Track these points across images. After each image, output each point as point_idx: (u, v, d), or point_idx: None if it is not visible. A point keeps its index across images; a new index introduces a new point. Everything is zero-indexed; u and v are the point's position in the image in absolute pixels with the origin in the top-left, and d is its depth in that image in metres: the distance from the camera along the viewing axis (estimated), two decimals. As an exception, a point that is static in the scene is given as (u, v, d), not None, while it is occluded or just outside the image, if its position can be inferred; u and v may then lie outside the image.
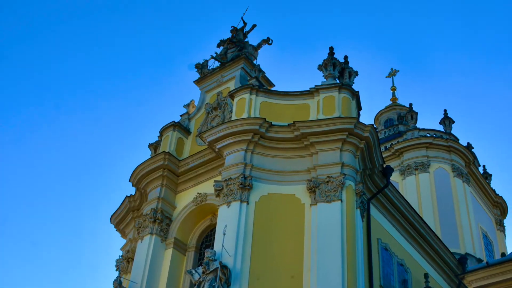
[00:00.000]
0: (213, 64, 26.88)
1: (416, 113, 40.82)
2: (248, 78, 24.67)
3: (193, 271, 19.23)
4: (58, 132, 74.10)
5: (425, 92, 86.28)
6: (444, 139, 37.81)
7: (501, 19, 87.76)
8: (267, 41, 27.02)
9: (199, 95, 26.66)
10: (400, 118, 44.39)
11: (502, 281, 20.51)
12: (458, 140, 39.31)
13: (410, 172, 36.63)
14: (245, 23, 27.64)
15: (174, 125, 25.08)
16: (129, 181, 24.54)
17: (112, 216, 26.02)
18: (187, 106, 26.45)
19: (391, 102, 47.58)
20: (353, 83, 23.35)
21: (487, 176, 41.01)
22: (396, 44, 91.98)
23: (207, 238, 22.95)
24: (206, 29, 76.21)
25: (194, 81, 26.95)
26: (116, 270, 24.55)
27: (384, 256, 22.44)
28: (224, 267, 18.43)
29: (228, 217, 20.04)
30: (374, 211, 22.41)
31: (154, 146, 26.20)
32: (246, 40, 26.99)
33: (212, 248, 19.64)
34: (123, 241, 26.14)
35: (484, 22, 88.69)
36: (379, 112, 46.95)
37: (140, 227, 22.90)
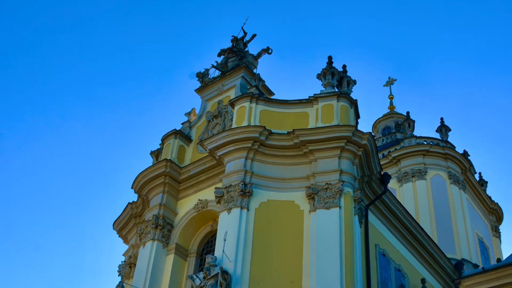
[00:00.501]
0: (214, 73, 27.16)
1: (413, 121, 41.08)
2: (248, 87, 24.90)
3: (194, 276, 19.37)
4: (62, 140, 74.72)
5: (422, 100, 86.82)
6: (441, 147, 38.05)
7: (496, 29, 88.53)
8: (267, 50, 27.25)
9: (200, 103, 26.91)
10: (398, 126, 44.60)
11: (498, 286, 20.84)
12: (454, 147, 39.54)
13: (407, 179, 36.85)
14: (245, 33, 27.92)
15: (175, 133, 25.30)
16: (132, 188, 24.77)
17: (114, 222, 26.21)
18: (188, 114, 26.70)
19: (389, 110, 47.86)
20: (352, 91, 23.54)
21: (483, 183, 41.22)
22: (394, 53, 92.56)
23: (208, 244, 23.12)
24: (207, 38, 76.79)
25: (195, 90, 27.21)
26: (118, 275, 24.69)
27: (381, 262, 22.61)
28: (224, 272, 18.59)
29: (229, 223, 20.22)
30: (372, 218, 22.61)
31: (156, 154, 26.36)
32: (246, 49, 27.23)
33: (213, 254, 19.83)
34: (126, 246, 26.34)
35: (480, 32, 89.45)
36: (377, 120, 47.22)
37: (142, 233, 23.07)
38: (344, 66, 24.31)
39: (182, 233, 23.04)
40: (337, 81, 23.67)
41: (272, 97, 25.23)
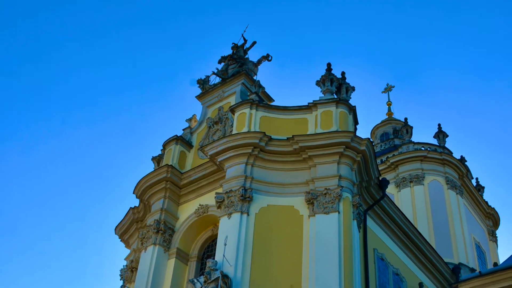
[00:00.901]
0: (215, 79, 27.34)
1: (411, 127, 41.31)
2: (249, 94, 25.06)
3: (195, 280, 19.51)
4: (65, 146, 75.14)
5: (420, 107, 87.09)
6: (438, 153, 38.24)
7: (492, 36, 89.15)
8: (266, 57, 27.40)
9: (201, 110, 27.09)
10: (396, 132, 44.75)
11: (494, 290, 21.17)
12: (451, 153, 39.72)
13: (405, 185, 37.02)
14: (245, 40, 28.10)
15: (176, 139, 25.46)
16: (133, 193, 24.92)
17: (116, 227, 26.34)
18: (189, 120, 26.88)
19: (387, 116, 47.96)
20: (350, 98, 23.70)
21: (479, 188, 41.38)
22: (392, 60, 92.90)
23: (209, 248, 23.30)
24: (208, 46, 77.17)
25: (196, 96, 27.39)
26: (120, 279, 24.97)
27: (380, 266, 22.73)
28: (225, 276, 18.72)
29: (229, 228, 20.37)
30: (370, 222, 22.72)
31: (157, 159, 26.50)
32: (246, 56, 27.38)
33: (214, 258, 20.01)
34: (127, 251, 26.44)
35: (476, 40, 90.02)
36: (375, 126, 47.34)
37: (143, 238, 23.26)
38: (343, 73, 24.48)
39: (183, 237, 23.22)
40: (336, 88, 23.82)
41: (272, 103, 25.36)
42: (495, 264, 27.96)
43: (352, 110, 23.17)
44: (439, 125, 41.98)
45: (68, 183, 73.37)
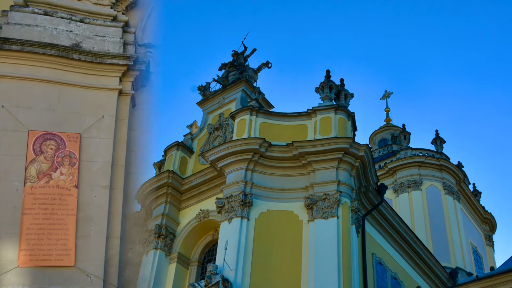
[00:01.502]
0: (215, 86, 27.52)
1: (409, 134, 41.47)
2: (249, 100, 25.21)
3: (196, 285, 19.74)
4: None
5: (418, 113, 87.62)
6: (436, 158, 38.42)
7: (489, 43, 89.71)
8: (266, 64, 27.57)
9: (202, 116, 27.26)
10: (394, 138, 44.92)
11: (491, 293, 21.41)
12: (449, 159, 39.90)
13: (403, 190, 37.18)
14: (245, 47, 28.23)
15: (177, 145, 25.62)
16: (135, 198, 25.18)
17: (118, 231, 26.61)
18: (190, 126, 27.08)
19: (385, 122, 48.11)
20: (349, 104, 23.88)
21: (476, 193, 41.53)
22: (390, 67, 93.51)
23: (209, 253, 23.50)
24: (208, 53, 77.52)
25: (197, 103, 27.56)
26: (122, 283, 25.28)
27: (378, 270, 22.91)
28: (225, 280, 18.83)
29: (229, 233, 20.53)
30: (369, 227, 22.89)
31: (158, 165, 26.61)
32: (246, 63, 27.55)
33: (214, 263, 20.15)
34: (129, 255, 26.75)
35: (473, 47, 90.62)
36: (373, 132, 47.50)
37: (145, 242, 23.38)
38: (341, 80, 24.67)
39: (184, 242, 23.42)
40: (335, 95, 24.01)
41: (272, 110, 25.55)
42: (492, 268, 28.24)
43: (351, 116, 23.37)
44: (436, 131, 42.20)
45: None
